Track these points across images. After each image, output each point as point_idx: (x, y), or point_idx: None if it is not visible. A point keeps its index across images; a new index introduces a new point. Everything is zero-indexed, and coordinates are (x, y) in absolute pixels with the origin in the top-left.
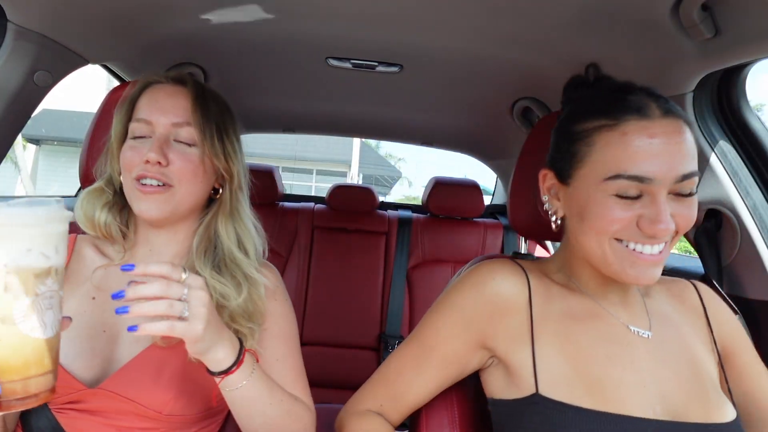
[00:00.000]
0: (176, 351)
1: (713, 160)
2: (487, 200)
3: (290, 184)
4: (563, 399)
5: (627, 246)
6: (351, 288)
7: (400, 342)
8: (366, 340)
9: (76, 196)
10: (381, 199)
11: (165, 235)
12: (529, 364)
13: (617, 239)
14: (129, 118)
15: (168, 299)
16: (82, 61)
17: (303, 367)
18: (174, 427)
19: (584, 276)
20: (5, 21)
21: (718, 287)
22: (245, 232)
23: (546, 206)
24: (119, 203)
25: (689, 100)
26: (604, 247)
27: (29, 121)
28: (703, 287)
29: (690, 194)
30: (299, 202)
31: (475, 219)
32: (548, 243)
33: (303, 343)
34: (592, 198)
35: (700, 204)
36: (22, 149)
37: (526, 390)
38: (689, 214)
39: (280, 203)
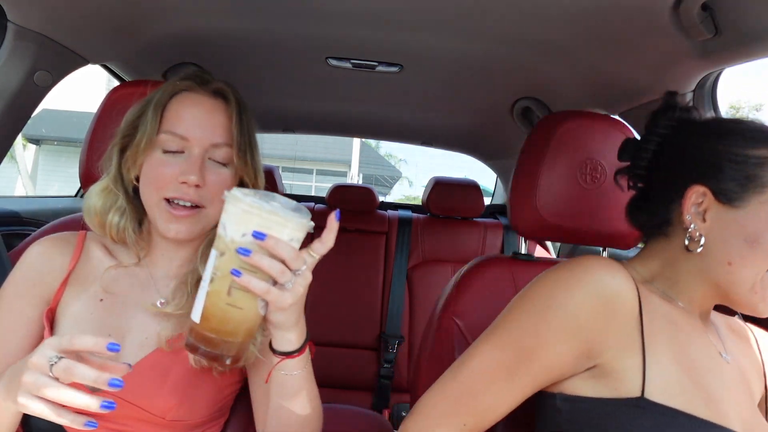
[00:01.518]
0: (181, 356)
1: None
2: (487, 200)
3: (290, 184)
4: (675, 405)
5: None
6: (351, 288)
7: (400, 342)
8: (366, 340)
9: (76, 196)
10: (381, 199)
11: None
12: (638, 367)
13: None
14: (159, 125)
15: (284, 267)
16: (82, 61)
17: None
18: None
19: (694, 297)
20: (5, 21)
21: None
22: None
23: (692, 227)
24: (133, 210)
25: (689, 100)
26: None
27: (29, 121)
28: (758, 332)
29: None
30: (299, 202)
31: (475, 219)
32: (549, 243)
33: None
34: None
35: None
36: (22, 149)
37: (625, 391)
38: None
39: None
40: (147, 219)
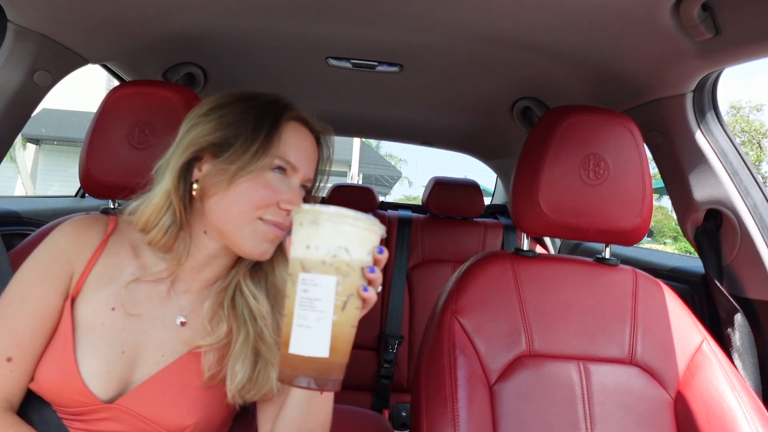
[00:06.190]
0: (196, 373)
1: (713, 160)
2: (487, 200)
3: None
4: None
5: None
6: None
7: (400, 342)
8: (366, 340)
9: (76, 196)
10: (381, 199)
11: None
12: None
13: None
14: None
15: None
16: (82, 61)
17: None
18: None
19: None
20: (5, 21)
21: (719, 286)
22: None
23: None
24: (185, 218)
25: (689, 100)
26: None
27: (29, 121)
28: None
29: None
30: None
31: (475, 219)
32: (547, 240)
33: None
34: None
35: (700, 204)
36: (22, 149)
37: None
38: None
39: None
40: (189, 232)
